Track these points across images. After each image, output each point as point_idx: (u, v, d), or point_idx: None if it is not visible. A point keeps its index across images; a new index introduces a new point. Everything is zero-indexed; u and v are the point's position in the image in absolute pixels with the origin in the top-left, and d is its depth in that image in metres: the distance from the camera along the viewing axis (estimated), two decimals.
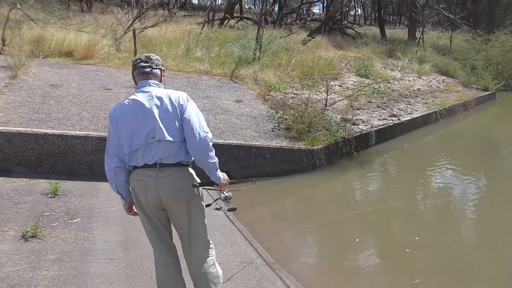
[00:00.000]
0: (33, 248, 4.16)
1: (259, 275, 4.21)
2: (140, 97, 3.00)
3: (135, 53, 11.13)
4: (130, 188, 3.08)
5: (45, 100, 7.33)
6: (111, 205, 5.34)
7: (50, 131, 6.18)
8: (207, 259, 3.16)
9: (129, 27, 12.78)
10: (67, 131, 6.26)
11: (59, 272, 3.81)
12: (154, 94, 3.00)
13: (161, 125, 2.93)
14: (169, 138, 2.93)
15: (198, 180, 3.13)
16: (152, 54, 3.21)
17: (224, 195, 3.28)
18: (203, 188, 3.22)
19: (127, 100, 3.04)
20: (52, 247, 4.22)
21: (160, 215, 3.09)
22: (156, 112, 2.95)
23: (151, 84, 3.07)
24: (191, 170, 3.11)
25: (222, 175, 3.12)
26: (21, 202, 5.10)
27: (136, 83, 3.15)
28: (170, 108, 2.97)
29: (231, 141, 6.91)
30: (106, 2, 28.20)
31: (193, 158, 3.07)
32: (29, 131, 6.08)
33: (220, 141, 6.82)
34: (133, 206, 3.17)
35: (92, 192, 5.70)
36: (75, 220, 4.84)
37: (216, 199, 3.47)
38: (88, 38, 10.81)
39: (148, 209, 3.05)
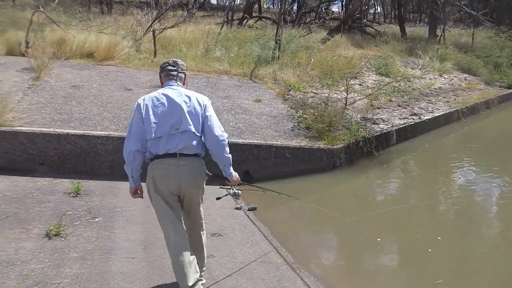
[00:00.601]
0: (56, 246, 4.22)
1: (280, 274, 4.20)
2: (169, 92, 3.38)
3: (155, 54, 11.23)
4: (149, 178, 3.36)
5: (67, 101, 7.43)
6: (132, 204, 5.38)
7: (72, 131, 6.27)
8: (202, 235, 3.67)
9: (148, 28, 12.88)
10: (89, 131, 6.34)
11: (81, 270, 3.86)
12: (183, 92, 3.40)
13: (188, 118, 3.31)
14: (194, 131, 3.30)
15: (206, 172, 3.50)
16: (178, 60, 3.58)
17: (233, 191, 3.62)
18: (220, 187, 3.67)
19: (157, 93, 3.39)
20: (74, 246, 4.27)
21: (174, 200, 3.39)
22: (184, 107, 3.33)
23: (178, 84, 3.47)
24: (203, 162, 3.47)
25: (234, 174, 3.50)
26: (44, 201, 5.18)
27: (162, 83, 3.54)
28: (197, 106, 3.37)
29: (251, 141, 6.91)
30: (126, 3, 28.49)
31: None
32: (51, 131, 6.18)
33: (240, 141, 6.82)
34: (139, 193, 3.47)
35: (113, 191, 5.76)
36: (97, 219, 4.90)
37: (226, 195, 3.78)
38: (108, 40, 10.94)
39: (167, 195, 3.34)
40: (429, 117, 10.45)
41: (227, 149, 3.38)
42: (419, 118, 10.20)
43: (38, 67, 8.53)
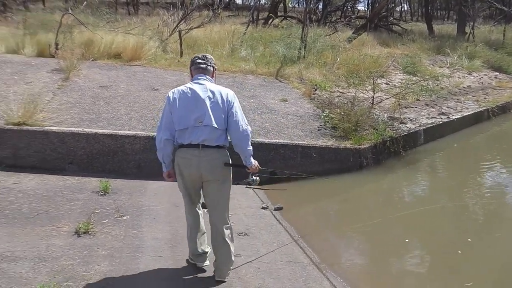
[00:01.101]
0: (85, 243, 4.29)
1: (306, 274, 4.17)
2: (196, 87, 3.63)
3: (181, 54, 11.32)
4: (175, 164, 3.70)
5: (95, 101, 7.55)
6: (159, 203, 5.43)
7: (100, 131, 6.37)
8: (225, 222, 3.81)
9: (175, 28, 13.00)
10: (117, 131, 6.42)
11: (110, 268, 3.91)
12: (208, 88, 3.62)
13: (210, 113, 3.54)
14: (215, 125, 3.55)
15: (230, 161, 3.72)
16: (208, 54, 3.85)
17: (252, 178, 3.93)
18: (247, 187, 4.01)
19: (184, 87, 3.67)
20: (103, 243, 4.33)
21: (195, 185, 3.74)
22: (208, 102, 3.57)
23: (206, 78, 3.70)
24: (226, 152, 3.72)
25: (254, 162, 3.75)
26: (73, 199, 5.27)
27: (192, 76, 3.79)
28: (220, 102, 3.59)
29: (277, 140, 6.89)
30: (152, 4, 28.85)
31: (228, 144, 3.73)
32: (80, 131, 6.29)
33: (266, 140, 6.81)
34: (172, 176, 3.82)
35: (141, 190, 5.82)
36: (125, 218, 4.96)
37: (245, 180, 4.12)
38: (135, 40, 11.09)
39: (189, 182, 3.72)
40: (458, 117, 10.23)
41: (249, 142, 3.66)
42: (448, 117, 10.01)
43: (67, 68, 8.70)
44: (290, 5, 33.07)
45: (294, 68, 11.18)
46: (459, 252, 4.98)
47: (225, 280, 3.79)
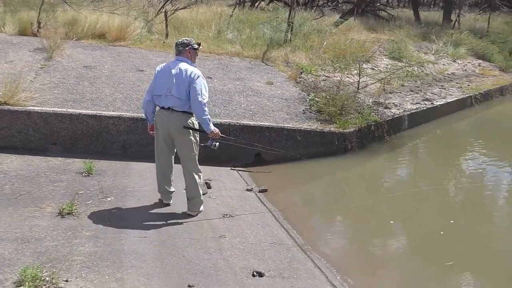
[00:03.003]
0: (69, 224, 4.26)
1: (290, 256, 4.21)
2: (171, 64, 4.67)
3: (167, 35, 11.17)
4: (154, 120, 4.73)
5: (79, 81, 7.44)
6: (143, 184, 5.41)
7: (84, 111, 6.29)
8: (194, 178, 4.72)
9: (160, 9, 12.81)
10: (101, 112, 6.35)
11: (94, 249, 3.90)
12: (179, 67, 4.58)
13: (175, 86, 4.50)
14: (178, 96, 4.50)
15: (193, 126, 4.60)
16: (185, 39, 4.82)
17: (210, 142, 4.66)
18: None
19: (165, 64, 4.73)
20: (87, 224, 4.31)
21: (167, 140, 4.69)
22: (175, 77, 4.53)
23: (181, 59, 4.68)
24: (192, 118, 4.62)
25: (213, 128, 4.59)
26: (57, 180, 5.22)
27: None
28: (184, 78, 4.51)
29: (262, 123, 6.89)
30: None
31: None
32: (64, 111, 6.20)
33: (252, 123, 6.81)
34: (152, 130, 4.83)
35: (125, 171, 5.79)
36: (109, 199, 4.93)
37: (204, 144, 4.70)
38: (120, 20, 10.88)
39: (161, 134, 4.69)
40: (442, 103, 10.33)
41: (204, 111, 4.48)
42: (432, 103, 10.09)
43: (50, 47, 8.53)
44: None
45: (280, 51, 11.12)
46: (442, 233, 5.08)
47: (194, 214, 4.75)
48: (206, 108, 4.51)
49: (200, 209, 4.82)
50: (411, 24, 20.27)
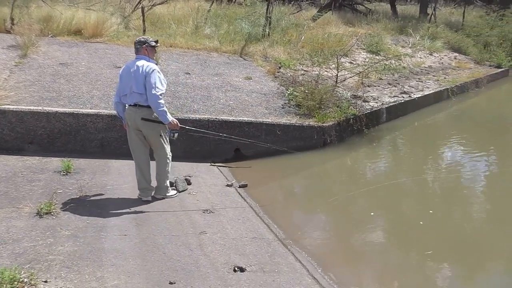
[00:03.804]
0: (48, 224, 4.21)
1: (271, 250, 4.24)
2: (131, 64, 4.86)
3: (144, 31, 11.05)
4: (125, 116, 4.95)
5: (55, 78, 7.33)
6: (123, 182, 5.38)
7: (61, 109, 6.21)
8: (162, 165, 5.04)
9: (137, 5, 12.66)
10: (78, 109, 6.28)
11: (74, 248, 3.86)
12: (136, 64, 4.80)
13: (135, 83, 4.73)
14: (138, 91, 4.72)
15: (152, 118, 4.80)
16: (142, 37, 5.02)
17: (168, 133, 4.94)
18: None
19: (126, 64, 4.96)
20: (66, 223, 4.27)
21: (138, 134, 4.92)
22: (134, 75, 4.75)
23: (140, 57, 4.88)
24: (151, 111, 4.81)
25: (171, 120, 4.78)
26: (34, 180, 5.15)
27: None
28: (141, 74, 4.72)
29: (241, 118, 6.90)
30: None
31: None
32: (40, 109, 6.11)
33: (231, 118, 6.81)
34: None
35: (104, 169, 5.74)
36: (88, 197, 4.89)
37: (164, 134, 4.93)
38: (96, 16, 10.73)
39: (132, 129, 4.91)
40: (419, 96, 10.47)
41: (159, 103, 4.66)
42: (409, 96, 10.22)
43: (25, 45, 8.38)
44: None
45: (259, 46, 11.12)
46: (421, 223, 5.17)
47: (159, 197, 5.06)
48: (161, 100, 4.68)
49: (168, 194, 5.15)
50: (388, 17, 20.45)
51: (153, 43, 4.96)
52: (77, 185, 5.13)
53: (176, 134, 4.94)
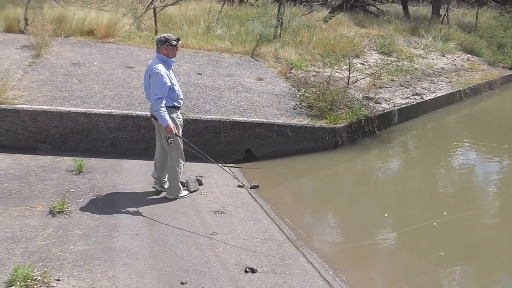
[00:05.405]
0: (60, 223, 4.24)
1: (282, 251, 4.23)
2: (149, 63, 4.93)
3: (156, 31, 11.10)
4: None
5: (68, 78, 7.38)
6: (134, 182, 5.39)
7: (73, 109, 6.24)
8: (171, 164, 5.08)
9: (149, 5, 12.72)
10: (90, 109, 6.31)
11: (86, 247, 3.88)
12: (150, 63, 4.89)
13: (145, 82, 4.89)
14: (147, 91, 4.91)
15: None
16: (163, 36, 4.93)
17: (167, 137, 4.79)
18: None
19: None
20: (78, 223, 4.29)
21: (156, 129, 5.12)
22: (145, 74, 4.90)
23: (156, 56, 4.91)
24: (172, 113, 4.90)
25: (166, 124, 4.71)
26: (47, 179, 5.18)
27: None
28: (148, 74, 4.80)
29: (253, 119, 6.88)
30: None
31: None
32: (53, 109, 6.15)
33: (242, 119, 6.80)
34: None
35: (116, 169, 5.76)
36: (100, 197, 4.91)
37: (166, 138, 4.86)
38: (108, 17, 10.80)
39: (156, 128, 5.14)
40: (431, 97, 10.39)
41: (158, 107, 4.67)
42: (421, 98, 10.15)
43: (38, 45, 8.45)
44: None
45: (270, 47, 11.11)
46: (435, 224, 5.13)
47: (171, 198, 5.06)
48: (159, 104, 4.69)
49: (179, 194, 5.14)
50: (400, 19, 20.31)
51: (174, 42, 4.90)
52: (89, 184, 5.16)
53: (170, 140, 4.80)
